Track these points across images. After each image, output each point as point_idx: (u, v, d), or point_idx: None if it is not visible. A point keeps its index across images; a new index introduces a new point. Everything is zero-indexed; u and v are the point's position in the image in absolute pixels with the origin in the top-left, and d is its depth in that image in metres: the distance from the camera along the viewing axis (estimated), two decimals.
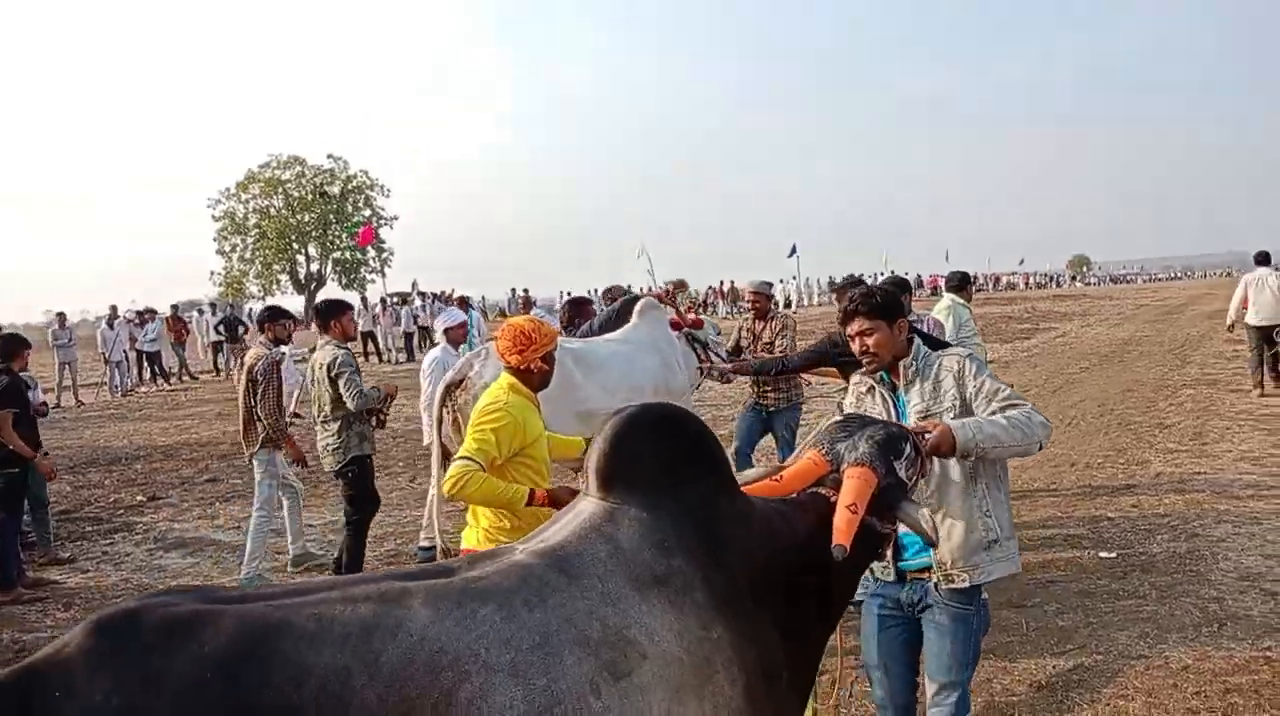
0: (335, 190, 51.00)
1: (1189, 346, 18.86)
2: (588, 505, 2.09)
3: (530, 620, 1.79)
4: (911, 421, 2.83)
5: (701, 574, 2.02)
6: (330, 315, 5.93)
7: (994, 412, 2.76)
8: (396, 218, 52.89)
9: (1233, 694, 4.01)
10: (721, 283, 39.00)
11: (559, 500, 3.23)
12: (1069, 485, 7.83)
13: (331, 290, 53.40)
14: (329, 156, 51.74)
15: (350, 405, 5.61)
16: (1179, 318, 27.77)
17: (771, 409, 7.15)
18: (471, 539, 3.48)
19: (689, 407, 6.24)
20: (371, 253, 49.65)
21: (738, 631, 2.02)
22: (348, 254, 51.32)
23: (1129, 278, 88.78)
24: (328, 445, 5.79)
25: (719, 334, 7.36)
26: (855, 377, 3.15)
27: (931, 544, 2.55)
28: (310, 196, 50.14)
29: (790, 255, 42.45)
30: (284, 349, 6.73)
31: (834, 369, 5.51)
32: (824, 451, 2.42)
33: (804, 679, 2.35)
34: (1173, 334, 21.86)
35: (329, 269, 52.25)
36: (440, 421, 5.23)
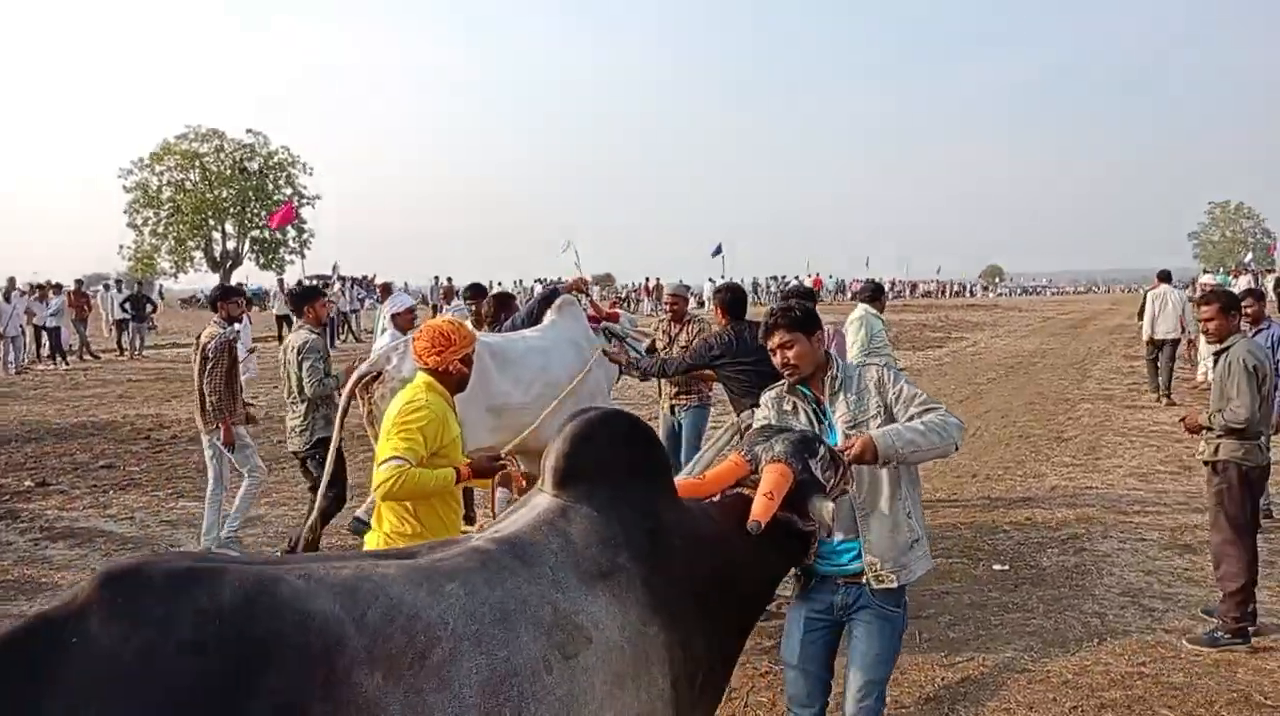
0: (255, 166, 49.55)
1: (1089, 360, 19.61)
2: (542, 500, 2.25)
3: (491, 597, 1.94)
4: (839, 431, 3.00)
5: (643, 574, 2.18)
6: (304, 300, 6.30)
7: (912, 417, 2.93)
8: (319, 197, 51.70)
9: (1107, 709, 4.19)
10: (647, 279, 39.10)
11: (482, 470, 3.39)
12: (970, 496, 8.06)
13: (248, 271, 51.92)
14: (248, 131, 50.32)
15: (308, 390, 5.84)
16: (1082, 332, 28.86)
17: (681, 411, 7.21)
18: (373, 541, 3.43)
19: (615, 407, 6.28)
20: (292, 233, 48.40)
21: (671, 630, 2.19)
22: (266, 233, 49.93)
23: (1038, 289, 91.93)
24: (295, 427, 6.02)
25: (636, 327, 7.37)
26: (772, 392, 3.21)
27: (829, 535, 2.80)
28: (229, 171, 48.62)
29: (715, 254, 42.74)
30: (237, 327, 6.82)
31: (710, 373, 5.57)
32: (744, 454, 2.59)
33: (721, 679, 2.51)
34: (1075, 348, 22.71)
35: (246, 248, 50.78)
36: (345, 412, 5.16)
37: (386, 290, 16.18)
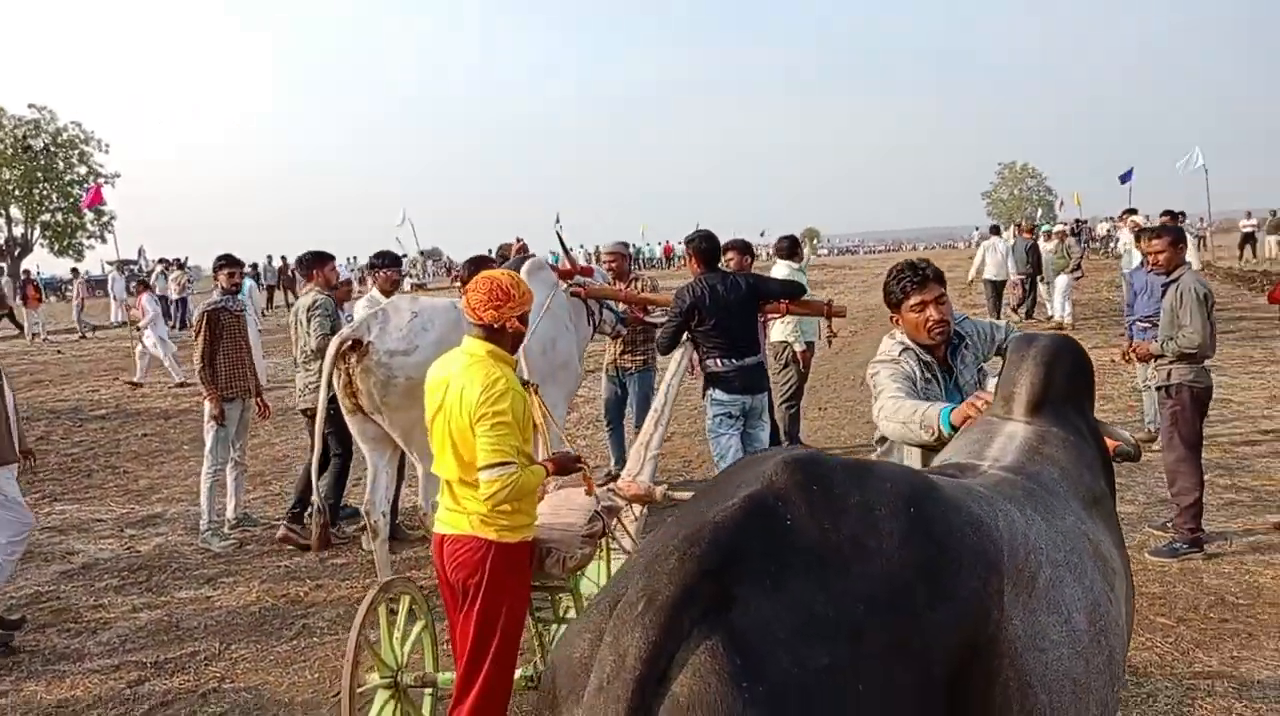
0: (40, 144, 44.84)
1: None
2: (1017, 428, 2.23)
3: (1059, 526, 1.90)
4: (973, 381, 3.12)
5: (1110, 491, 2.29)
6: (313, 265, 6.52)
7: None
8: (118, 175, 47.38)
9: None
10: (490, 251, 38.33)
11: (565, 468, 3.32)
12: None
13: (41, 257, 47.27)
14: (30, 106, 45.52)
15: (312, 343, 6.02)
16: None
17: (626, 375, 7.08)
18: (454, 521, 3.19)
19: (581, 371, 6.06)
20: (90, 216, 44.27)
21: (1122, 544, 2.26)
22: (60, 217, 45.45)
23: (853, 249, 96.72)
24: (309, 383, 6.11)
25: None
26: (908, 352, 3.16)
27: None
28: (10, 150, 43.80)
29: (556, 224, 42.47)
30: (241, 297, 6.99)
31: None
32: None
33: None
34: None
35: (36, 234, 46.06)
36: (330, 383, 4.75)
37: (179, 264, 14.97)
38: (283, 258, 29.25)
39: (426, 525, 4.99)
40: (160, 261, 28.81)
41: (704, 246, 5.53)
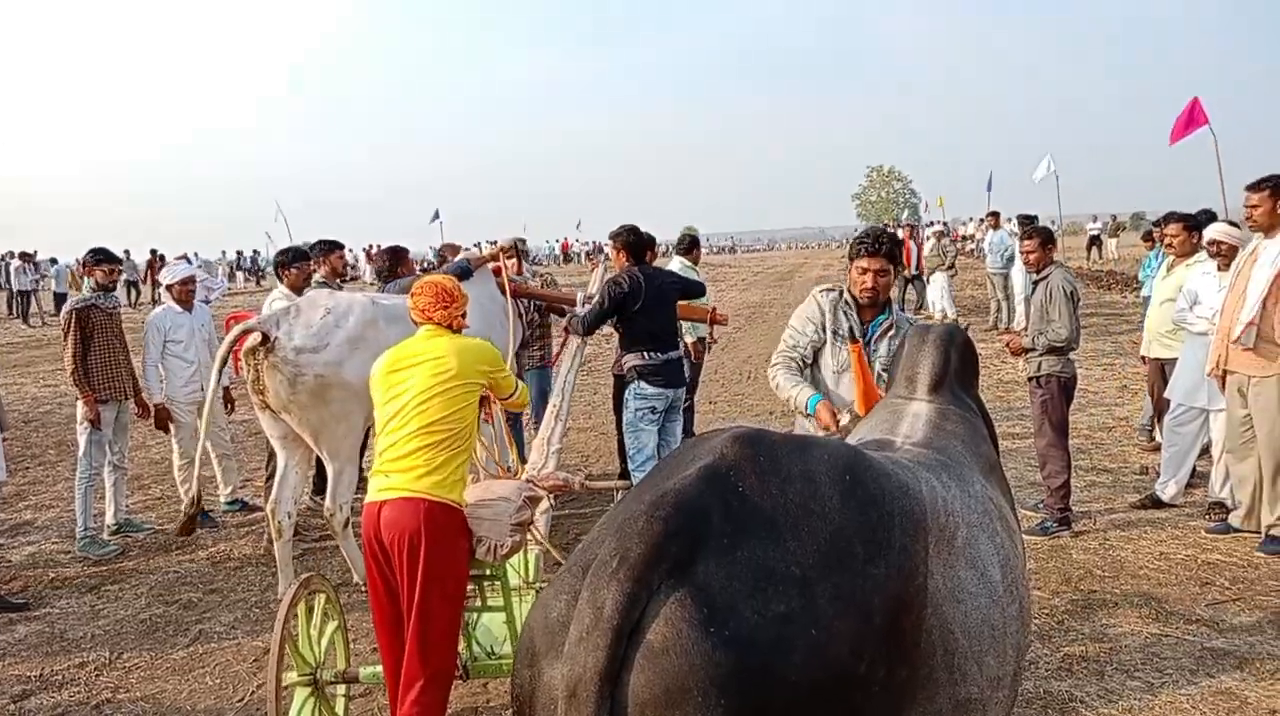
0: None
1: None
2: (920, 407, 2.48)
3: (972, 492, 2.10)
4: (875, 369, 3.50)
5: (998, 460, 2.50)
6: (321, 254, 6.60)
7: None
8: None
9: None
10: (371, 246, 37.37)
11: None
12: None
13: None
14: None
15: None
16: (792, 281, 31.52)
17: (525, 368, 7.07)
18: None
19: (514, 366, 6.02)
20: None
21: (1014, 507, 2.48)
22: None
23: (731, 249, 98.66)
24: None
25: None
26: (830, 296, 3.70)
27: None
28: None
29: (433, 220, 41.75)
30: (114, 295, 6.58)
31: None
32: None
33: None
34: (795, 295, 24.68)
35: None
36: (222, 364, 4.64)
37: (161, 262, 14.17)
38: (152, 250, 27.77)
39: (333, 525, 4.90)
40: (8, 254, 26.97)
41: (631, 239, 5.64)
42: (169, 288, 6.67)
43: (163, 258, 14.73)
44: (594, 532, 1.79)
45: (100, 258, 6.39)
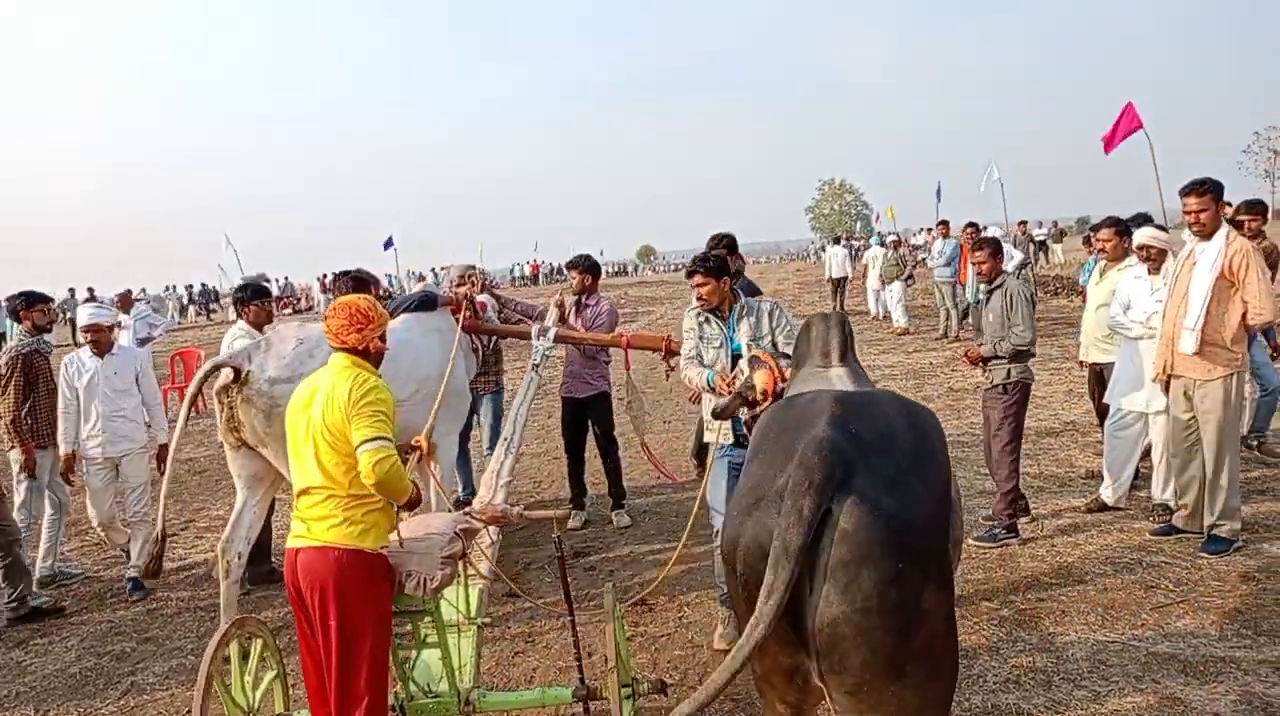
0: None
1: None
2: (840, 370, 3.13)
3: (906, 414, 2.67)
4: (743, 344, 4.52)
5: None
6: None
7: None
8: None
9: None
10: (324, 276, 36.95)
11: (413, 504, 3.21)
12: None
13: None
14: None
15: None
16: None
17: (480, 394, 6.97)
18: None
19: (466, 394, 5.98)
20: None
21: None
22: None
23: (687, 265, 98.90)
24: None
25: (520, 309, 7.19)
26: (692, 314, 4.74)
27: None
28: None
29: (387, 248, 41.40)
30: (48, 338, 6.28)
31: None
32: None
33: None
34: None
35: None
36: (190, 405, 4.62)
37: (126, 300, 13.69)
38: (89, 288, 27.18)
39: None
40: None
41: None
42: (85, 329, 6.10)
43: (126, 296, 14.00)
44: (754, 469, 2.56)
45: (34, 299, 6.15)
